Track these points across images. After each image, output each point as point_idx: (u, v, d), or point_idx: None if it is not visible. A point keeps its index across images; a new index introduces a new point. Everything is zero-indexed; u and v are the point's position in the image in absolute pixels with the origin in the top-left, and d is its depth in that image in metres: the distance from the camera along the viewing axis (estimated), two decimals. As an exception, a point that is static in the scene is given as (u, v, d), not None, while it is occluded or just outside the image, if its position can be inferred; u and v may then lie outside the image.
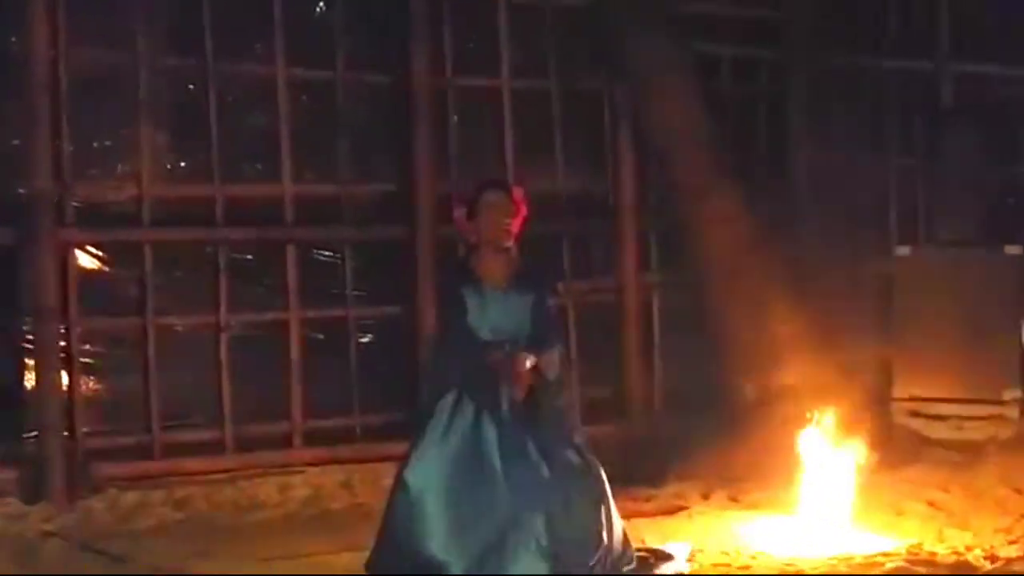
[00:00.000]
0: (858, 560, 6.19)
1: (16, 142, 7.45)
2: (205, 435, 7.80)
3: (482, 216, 5.73)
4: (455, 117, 8.54)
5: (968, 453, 7.66)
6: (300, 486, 7.69)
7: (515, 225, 5.77)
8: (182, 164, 8.13)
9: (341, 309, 8.20)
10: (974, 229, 8.57)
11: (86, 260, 7.69)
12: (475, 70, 8.66)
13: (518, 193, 5.87)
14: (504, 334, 5.67)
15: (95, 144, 7.86)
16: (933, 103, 9.55)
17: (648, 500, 7.48)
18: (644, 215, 8.92)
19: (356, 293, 8.26)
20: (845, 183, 9.40)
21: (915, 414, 8.00)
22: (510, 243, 5.76)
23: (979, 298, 7.99)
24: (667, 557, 6.04)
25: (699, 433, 8.11)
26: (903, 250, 8.37)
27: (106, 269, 7.79)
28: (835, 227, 9.25)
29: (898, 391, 8.08)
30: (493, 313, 5.69)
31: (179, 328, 7.89)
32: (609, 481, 7.61)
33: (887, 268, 8.42)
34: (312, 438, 7.99)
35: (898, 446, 7.84)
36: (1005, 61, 9.36)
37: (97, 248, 7.74)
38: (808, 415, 7.17)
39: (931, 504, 7.12)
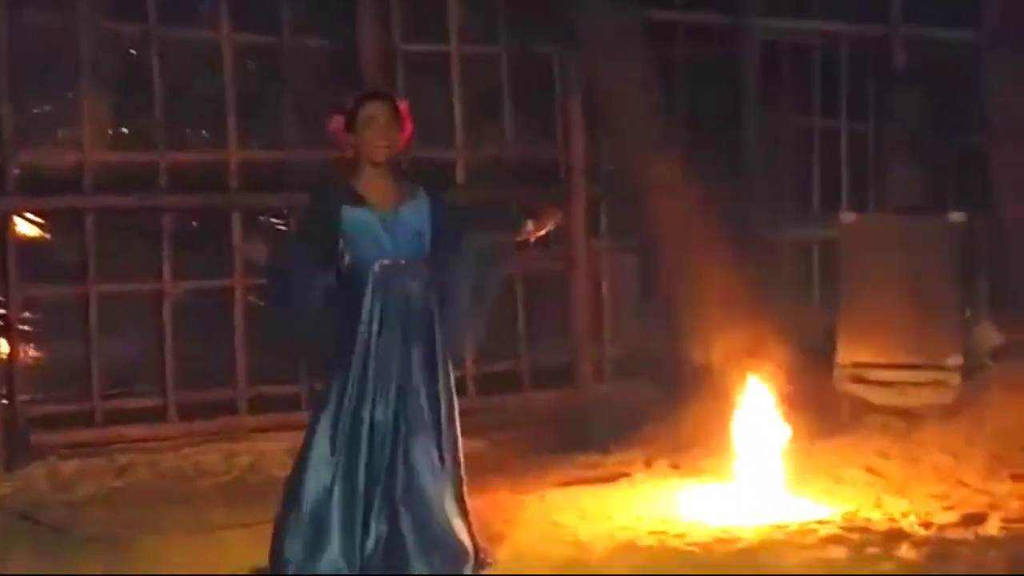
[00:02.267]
0: (793, 528, 6.23)
1: (-45, 108, 7.38)
2: (148, 403, 7.77)
3: (361, 131, 5.34)
4: (402, 83, 8.47)
5: (909, 419, 7.69)
6: (244, 453, 7.67)
7: (398, 142, 5.39)
8: (125, 130, 8.04)
9: (287, 276, 8.14)
10: (921, 196, 8.58)
11: (27, 227, 7.62)
12: (423, 35, 8.60)
13: (403, 106, 5.48)
14: (404, 257, 5.34)
15: (35, 110, 7.77)
16: (885, 67, 9.52)
17: (593, 468, 7.50)
18: (594, 182, 8.88)
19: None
20: (795, 149, 9.42)
21: (858, 380, 8.00)
22: (385, 160, 5.36)
23: (923, 265, 7.98)
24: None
25: (645, 400, 8.14)
26: (848, 216, 8.35)
27: (47, 236, 7.72)
28: (784, 192, 9.27)
29: (841, 357, 8.07)
30: (387, 238, 5.33)
31: (121, 295, 7.83)
32: (558, 449, 7.71)
33: (833, 234, 8.41)
34: (256, 405, 7.95)
35: (840, 412, 7.86)
36: (956, 25, 9.33)
37: (38, 215, 7.67)
38: (750, 381, 7.18)
39: (870, 470, 7.14)
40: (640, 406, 8.12)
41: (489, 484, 6.89)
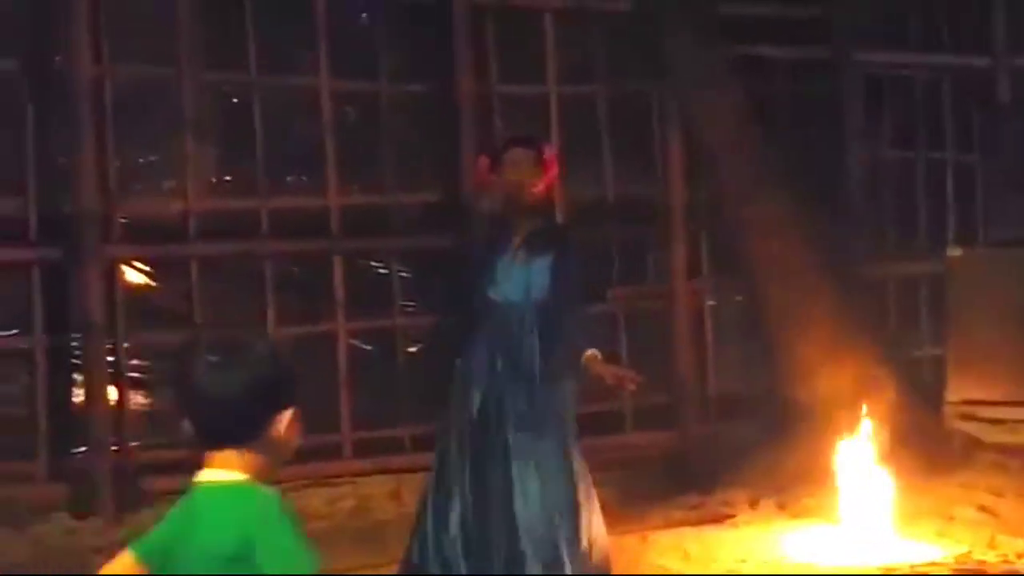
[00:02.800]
0: (905, 570, 6.09)
1: (62, 159, 7.50)
2: (254, 448, 7.80)
3: (504, 173, 5.53)
4: (500, 124, 8.49)
5: (1022, 457, 7.50)
6: (348, 497, 7.68)
7: (538, 187, 5.55)
8: (227, 178, 8.15)
9: (389, 319, 8.19)
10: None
11: (133, 275, 7.74)
12: (520, 77, 8.62)
13: (549, 151, 5.67)
14: (514, 299, 5.50)
15: (140, 160, 7.91)
16: (990, 99, 9.37)
17: (696, 508, 7.41)
18: (694, 220, 8.82)
19: (404, 303, 8.25)
20: (900, 183, 9.28)
21: (968, 417, 7.83)
22: (524, 204, 5.52)
23: (1034, 299, 7.82)
24: None
25: (750, 439, 8.02)
26: (956, 251, 8.19)
27: (153, 284, 7.83)
28: (889, 228, 9.13)
29: (951, 394, 7.91)
30: (503, 277, 5.51)
31: (227, 342, 7.90)
32: (661, 490, 7.63)
33: (941, 269, 8.25)
34: (361, 449, 7.98)
35: (951, 450, 7.70)
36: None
37: (144, 263, 7.78)
38: (858, 420, 7.06)
39: (983, 510, 6.97)
40: (744, 446, 8.00)
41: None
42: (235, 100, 8.05)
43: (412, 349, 8.29)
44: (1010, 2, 9.50)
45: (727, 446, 8.08)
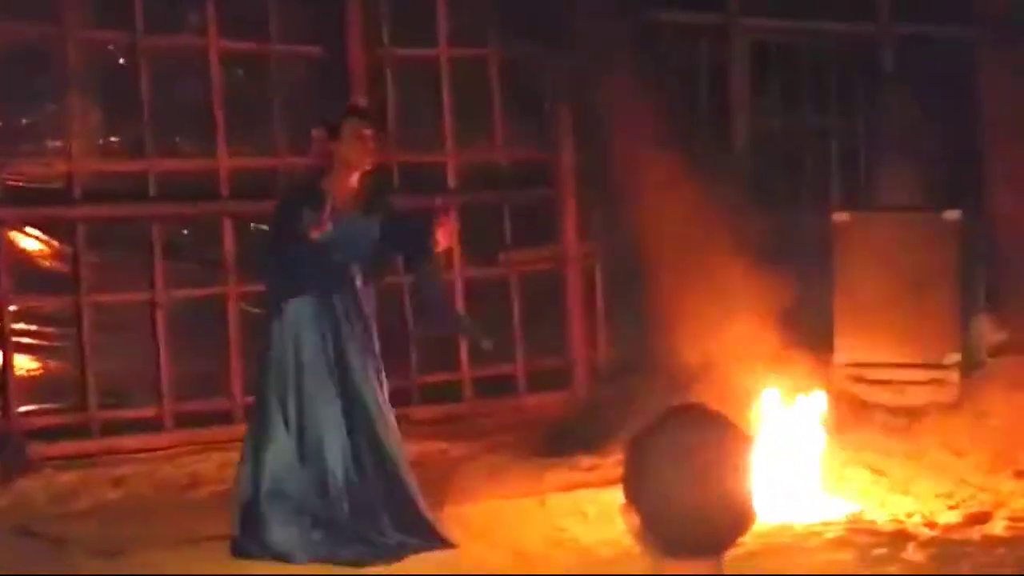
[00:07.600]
0: (798, 529, 6.19)
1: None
2: (143, 413, 7.68)
3: (349, 140, 6.00)
4: (391, 87, 8.41)
5: (909, 418, 7.66)
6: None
7: (374, 164, 6.15)
8: (113, 139, 7.96)
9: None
10: (915, 194, 8.55)
11: (18, 238, 7.55)
12: (412, 39, 8.54)
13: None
14: (353, 254, 6.00)
15: (24, 120, 7.70)
16: (874, 67, 9.51)
17: (591, 470, 7.44)
18: (584, 184, 8.84)
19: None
20: (786, 149, 9.40)
21: (857, 379, 7.96)
22: (370, 166, 6.10)
23: (919, 264, 7.96)
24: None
25: (643, 400, 8.08)
26: (842, 216, 8.31)
27: (39, 247, 7.64)
28: (776, 193, 9.25)
29: (839, 356, 8.05)
30: (342, 234, 5.90)
31: (114, 305, 7.75)
32: (556, 452, 7.66)
33: (827, 234, 8.37)
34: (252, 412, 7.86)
35: (839, 412, 7.82)
36: (945, 22, 9.33)
37: (28, 225, 7.59)
38: (750, 381, 7.15)
39: (873, 470, 7.12)
40: (635, 406, 8.05)
41: (487, 489, 6.86)
42: (121, 60, 7.86)
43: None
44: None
45: (618, 407, 8.13)
